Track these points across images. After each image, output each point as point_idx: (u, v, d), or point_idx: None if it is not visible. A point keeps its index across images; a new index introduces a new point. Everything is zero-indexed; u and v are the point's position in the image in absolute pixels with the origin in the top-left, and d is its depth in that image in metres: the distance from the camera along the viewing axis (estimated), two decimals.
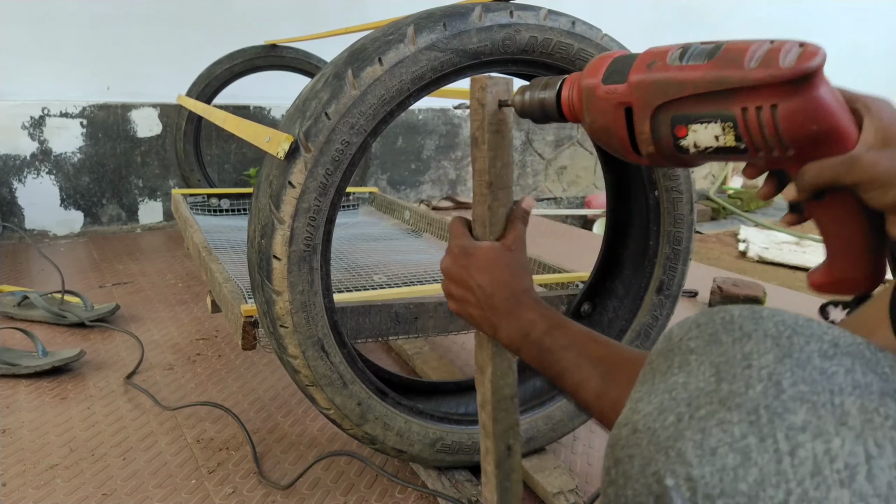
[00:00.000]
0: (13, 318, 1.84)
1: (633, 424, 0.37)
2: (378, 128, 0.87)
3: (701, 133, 0.57)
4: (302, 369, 0.95)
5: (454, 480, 1.12)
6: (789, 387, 0.32)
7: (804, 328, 0.35)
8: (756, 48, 0.53)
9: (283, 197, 0.86)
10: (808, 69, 0.51)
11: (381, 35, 0.87)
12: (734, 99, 0.54)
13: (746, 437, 0.31)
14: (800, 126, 0.52)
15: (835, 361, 0.33)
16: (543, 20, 0.92)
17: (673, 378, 0.37)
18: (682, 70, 0.57)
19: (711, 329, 0.37)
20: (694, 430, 0.33)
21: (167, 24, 2.99)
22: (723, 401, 0.33)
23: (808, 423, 0.30)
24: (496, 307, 0.73)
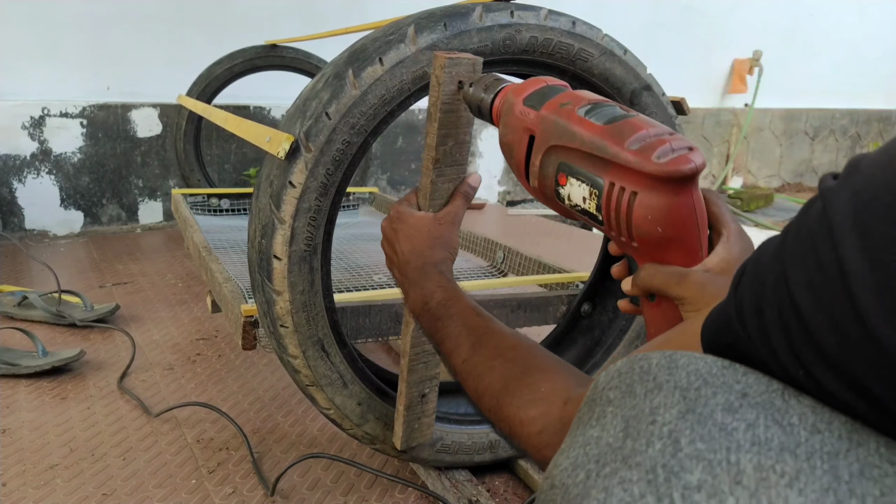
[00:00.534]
0: (13, 318, 1.84)
1: (552, 479, 0.37)
2: (379, 128, 0.87)
3: (575, 189, 0.58)
4: (302, 369, 0.95)
5: (454, 480, 1.12)
6: (686, 444, 0.31)
7: (716, 378, 0.34)
8: (647, 133, 0.53)
9: (283, 197, 0.86)
10: (675, 173, 0.51)
11: (381, 35, 0.87)
12: (608, 170, 0.55)
13: (645, 496, 0.31)
14: (648, 222, 0.53)
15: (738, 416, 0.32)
16: (544, 20, 0.92)
17: (590, 431, 0.37)
18: (580, 123, 0.57)
19: (629, 379, 0.37)
20: (598, 489, 0.33)
21: (167, 24, 2.99)
22: (625, 458, 0.33)
23: (704, 482, 0.30)
24: (407, 275, 0.78)
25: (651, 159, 0.51)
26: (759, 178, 5.02)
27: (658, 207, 0.52)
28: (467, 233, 1.81)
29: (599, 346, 1.23)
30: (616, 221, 0.55)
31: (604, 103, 0.59)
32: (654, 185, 0.51)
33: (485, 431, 1.13)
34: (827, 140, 5.24)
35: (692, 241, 0.54)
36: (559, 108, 0.60)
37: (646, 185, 0.52)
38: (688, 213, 0.53)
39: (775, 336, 0.32)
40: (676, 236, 0.53)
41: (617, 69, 0.99)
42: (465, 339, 0.67)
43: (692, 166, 0.51)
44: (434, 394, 0.96)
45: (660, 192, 0.52)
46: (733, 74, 4.71)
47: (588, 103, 0.59)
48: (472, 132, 0.82)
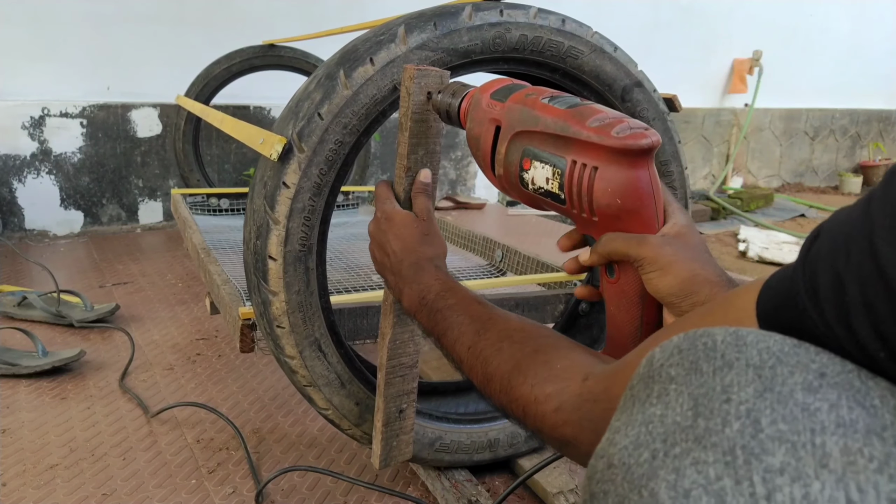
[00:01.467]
0: (13, 318, 1.84)
1: (608, 458, 0.35)
2: (371, 127, 0.88)
3: (539, 171, 0.62)
4: (299, 370, 0.95)
5: (453, 480, 1.12)
6: (768, 425, 0.30)
7: (790, 356, 0.33)
8: (606, 115, 0.57)
9: (277, 197, 0.86)
10: (633, 146, 0.54)
11: (372, 35, 0.88)
12: (570, 149, 0.58)
13: (721, 478, 0.30)
14: (608, 195, 0.56)
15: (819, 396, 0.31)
16: (533, 18, 0.93)
17: (651, 409, 0.35)
18: (544, 108, 0.61)
19: (693, 356, 0.35)
20: (668, 470, 0.31)
21: (167, 24, 3.00)
22: (698, 438, 0.32)
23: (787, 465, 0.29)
24: (402, 273, 0.77)
25: (611, 134, 0.55)
26: (759, 178, 5.02)
27: (617, 180, 0.55)
28: (467, 232, 1.81)
29: (597, 344, 1.23)
30: (578, 197, 0.58)
31: (565, 95, 0.63)
32: (614, 158, 0.55)
33: (483, 430, 1.13)
34: (827, 140, 5.24)
35: (649, 212, 0.57)
36: (524, 98, 0.64)
37: (606, 159, 0.55)
38: (645, 186, 0.56)
39: (857, 314, 0.31)
40: (634, 208, 0.56)
41: (607, 66, 0.99)
42: (468, 327, 0.66)
43: (649, 141, 0.55)
44: (412, 410, 0.94)
45: (619, 166, 0.55)
46: (733, 74, 4.71)
47: (551, 94, 0.63)
48: (441, 142, 0.83)
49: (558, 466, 1.15)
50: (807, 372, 0.32)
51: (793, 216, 4.03)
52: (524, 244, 1.89)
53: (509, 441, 1.15)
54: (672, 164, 1.09)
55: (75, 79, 2.88)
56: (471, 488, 1.10)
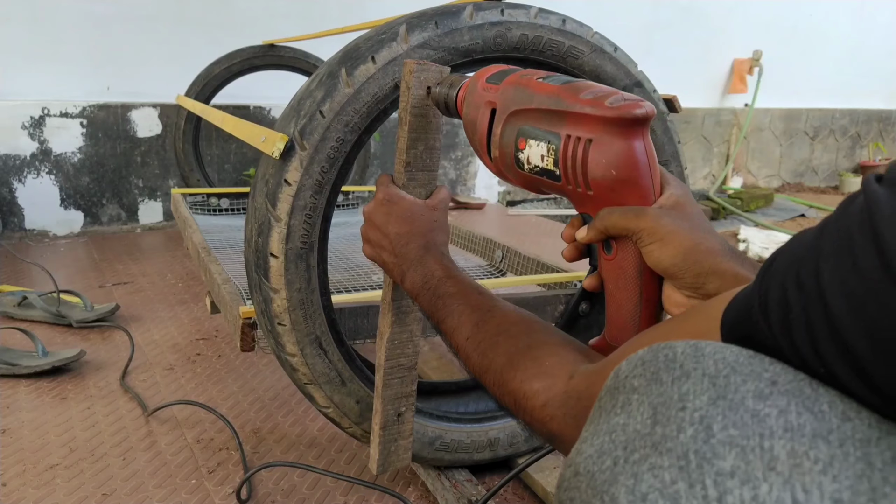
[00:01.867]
0: (13, 318, 1.84)
1: (575, 466, 0.37)
2: (372, 125, 0.88)
3: (534, 149, 0.61)
4: (300, 367, 0.95)
5: (453, 480, 1.12)
6: (719, 430, 0.31)
7: (744, 366, 0.34)
8: (599, 89, 0.57)
9: (279, 195, 0.86)
10: (627, 115, 0.54)
11: (374, 34, 0.88)
12: (564, 123, 0.58)
13: (676, 482, 0.31)
14: (602, 167, 0.55)
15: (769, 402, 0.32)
16: (534, 18, 0.93)
17: (615, 419, 0.37)
18: (538, 86, 0.61)
19: (654, 367, 0.37)
20: (627, 475, 0.33)
21: (167, 24, 3.00)
22: (655, 444, 0.33)
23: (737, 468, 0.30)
24: (407, 255, 0.76)
25: (605, 105, 0.55)
26: (759, 177, 5.02)
27: (612, 151, 0.55)
28: (467, 232, 1.81)
29: None
30: (573, 171, 0.57)
31: (559, 74, 0.64)
32: (609, 128, 0.55)
33: (483, 430, 1.13)
34: (827, 140, 5.24)
35: (645, 183, 0.56)
36: (519, 79, 0.64)
37: (600, 130, 0.55)
38: (640, 156, 0.55)
39: (798, 331, 0.32)
40: (630, 178, 0.56)
41: (607, 66, 1.00)
42: (468, 317, 0.66)
43: (644, 110, 0.54)
44: (410, 413, 0.91)
45: (614, 136, 0.55)
46: (733, 74, 4.71)
47: (545, 74, 0.63)
48: (441, 138, 0.82)
49: (558, 466, 1.15)
50: (759, 380, 0.33)
51: (793, 216, 4.03)
52: (524, 244, 1.89)
53: (509, 440, 1.15)
54: (672, 164, 1.09)
55: (75, 79, 2.87)
56: (471, 488, 1.10)
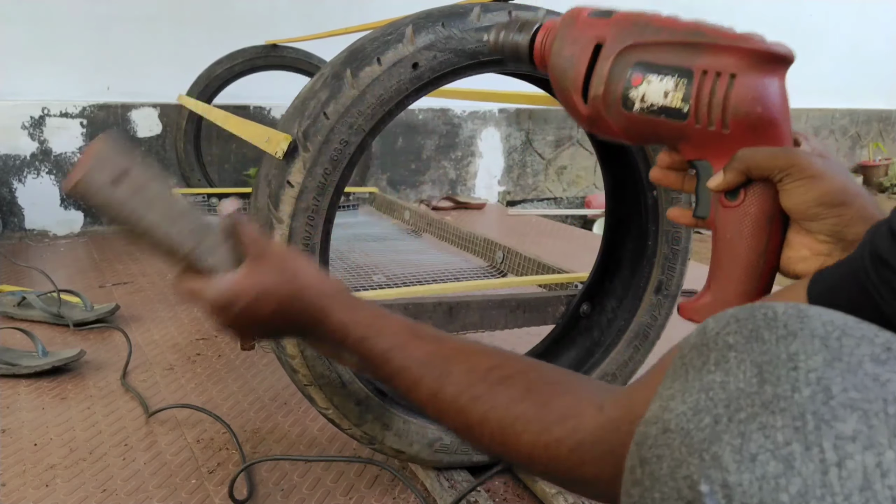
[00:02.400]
0: (13, 318, 1.84)
1: (664, 423, 0.34)
2: (377, 127, 0.88)
3: (654, 85, 0.57)
4: (300, 369, 0.95)
5: (452, 480, 1.12)
6: (839, 393, 0.29)
7: (854, 330, 0.32)
8: (733, 28, 0.56)
9: (281, 196, 0.86)
10: (776, 51, 0.53)
11: (379, 35, 0.88)
12: (701, 56, 0.55)
13: (790, 443, 0.29)
14: (748, 103, 0.53)
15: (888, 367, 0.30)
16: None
17: (710, 376, 0.34)
18: (666, 20, 0.58)
19: (752, 325, 0.34)
20: (733, 434, 0.30)
21: (167, 24, 2.99)
22: (766, 404, 0.30)
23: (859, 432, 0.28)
24: (289, 331, 0.65)
25: (753, 40, 0.54)
26: None
27: (759, 87, 0.53)
28: (467, 233, 1.81)
29: (598, 346, 1.23)
30: (709, 108, 0.54)
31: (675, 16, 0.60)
32: (756, 63, 0.53)
33: None
34: (827, 140, 5.24)
35: (786, 126, 0.55)
36: (637, 15, 0.59)
37: (747, 65, 0.53)
38: (784, 95, 0.54)
39: None
40: (774, 118, 0.54)
41: None
42: (420, 372, 0.57)
43: (788, 49, 0.53)
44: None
45: (761, 72, 0.53)
46: None
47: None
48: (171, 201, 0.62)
49: None
50: (873, 345, 0.31)
51: None
52: (524, 245, 1.89)
53: None
54: None
55: (75, 79, 2.87)
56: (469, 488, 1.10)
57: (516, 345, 1.75)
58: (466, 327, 1.20)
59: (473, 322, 1.20)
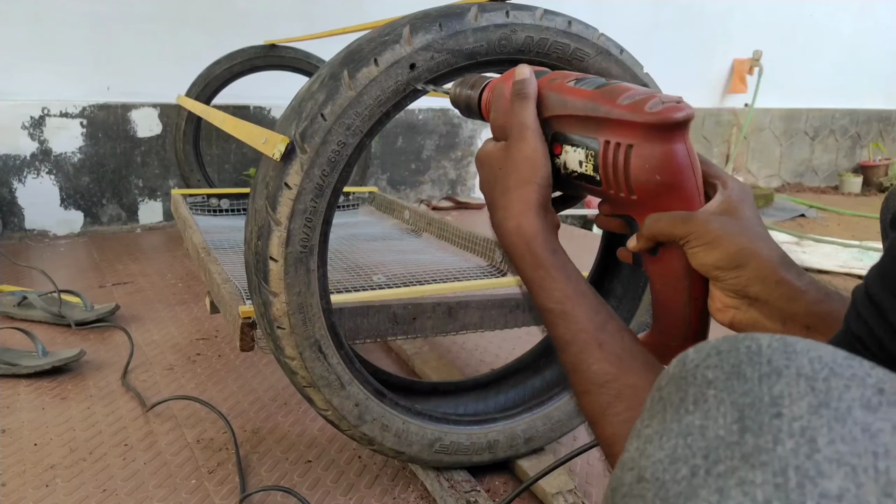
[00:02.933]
0: (13, 318, 1.84)
1: (639, 470, 0.32)
2: (374, 128, 0.87)
3: (571, 155, 0.60)
4: (299, 370, 0.95)
5: (452, 481, 1.12)
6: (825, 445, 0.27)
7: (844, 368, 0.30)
8: (636, 92, 0.56)
9: (279, 198, 0.86)
10: (667, 120, 0.53)
11: (376, 36, 0.87)
12: (602, 129, 0.57)
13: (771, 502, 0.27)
14: (646, 171, 0.55)
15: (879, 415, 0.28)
16: (539, 20, 0.92)
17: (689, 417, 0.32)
18: (571, 91, 0.60)
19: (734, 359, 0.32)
20: (710, 490, 0.28)
21: (167, 24, 2.99)
22: (746, 456, 0.28)
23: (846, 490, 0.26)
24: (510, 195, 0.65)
25: (644, 110, 0.54)
26: (759, 178, 5.02)
27: (655, 155, 0.54)
28: (467, 232, 1.81)
29: None
30: (614, 177, 0.56)
31: (590, 77, 0.62)
32: (649, 134, 0.54)
33: (483, 432, 1.13)
34: (827, 140, 5.24)
35: (689, 186, 0.56)
36: (549, 83, 0.62)
37: (641, 136, 0.54)
38: (683, 160, 0.55)
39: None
40: (674, 182, 0.55)
41: (613, 68, 0.99)
42: (590, 388, 0.54)
43: (684, 113, 0.54)
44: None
45: (655, 141, 0.54)
46: (733, 74, 4.71)
47: (576, 77, 0.62)
48: None
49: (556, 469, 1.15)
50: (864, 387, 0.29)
51: (793, 216, 4.03)
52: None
53: (508, 443, 1.15)
54: None
55: (75, 79, 2.87)
56: (469, 489, 1.10)
57: (516, 345, 1.75)
58: (466, 327, 1.20)
59: (473, 322, 1.21)
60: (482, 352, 1.73)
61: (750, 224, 0.55)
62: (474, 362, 1.66)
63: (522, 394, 1.20)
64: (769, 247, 0.54)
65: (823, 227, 3.76)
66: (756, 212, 0.57)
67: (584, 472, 1.21)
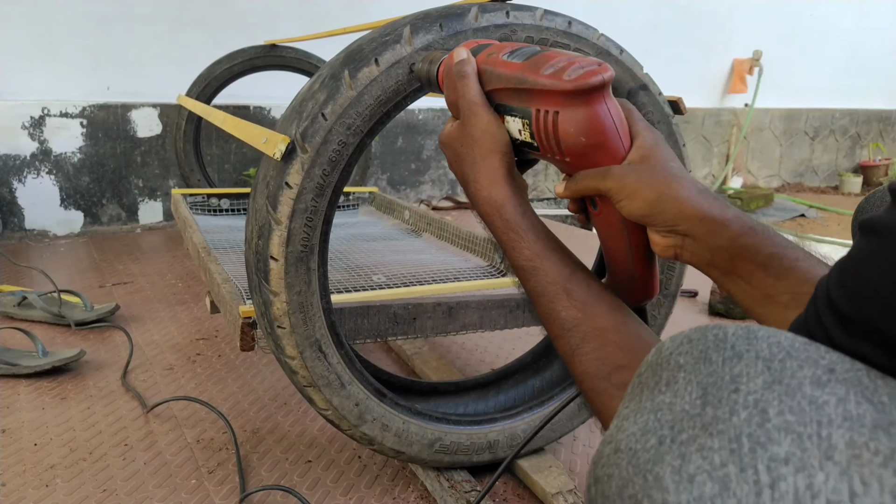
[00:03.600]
0: (13, 318, 1.84)
1: (615, 443, 0.36)
2: (375, 128, 0.87)
3: (511, 125, 0.65)
4: (299, 370, 0.95)
5: (452, 480, 1.12)
6: (775, 416, 0.30)
7: (800, 352, 0.33)
8: (559, 60, 0.59)
9: (279, 198, 0.86)
10: (584, 85, 0.56)
11: (377, 36, 0.87)
12: (532, 99, 0.61)
13: (726, 465, 0.30)
14: (571, 136, 0.59)
15: (827, 390, 0.31)
16: (540, 20, 0.92)
17: (660, 397, 0.35)
18: (504, 65, 0.64)
19: (702, 346, 0.36)
20: (674, 455, 0.32)
21: (167, 24, 2.99)
22: (705, 426, 0.32)
23: (792, 455, 0.29)
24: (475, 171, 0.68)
25: (563, 78, 0.57)
26: (759, 178, 5.02)
27: (577, 119, 0.58)
28: (467, 233, 1.81)
29: None
30: (548, 142, 0.60)
31: (524, 46, 0.65)
32: (570, 100, 0.57)
33: (483, 432, 1.13)
34: (827, 140, 5.24)
35: (614, 144, 0.59)
36: (487, 58, 0.66)
37: (563, 103, 0.58)
38: (605, 120, 0.58)
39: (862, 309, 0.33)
40: (599, 143, 0.58)
41: (613, 69, 0.99)
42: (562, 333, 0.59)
43: (598, 78, 0.57)
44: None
45: (576, 106, 0.58)
46: (733, 74, 4.71)
47: (510, 49, 0.65)
48: None
49: (557, 467, 1.15)
50: (816, 367, 0.32)
51: (793, 216, 4.03)
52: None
53: (508, 442, 1.15)
54: None
55: (75, 79, 2.87)
56: (470, 489, 1.10)
57: (516, 345, 1.75)
58: (466, 327, 1.20)
59: (473, 322, 1.21)
60: (482, 352, 1.73)
61: (663, 167, 0.58)
62: (474, 362, 1.66)
63: (522, 394, 1.20)
64: (686, 185, 0.56)
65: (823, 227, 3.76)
66: (670, 153, 0.60)
67: (584, 472, 1.21)
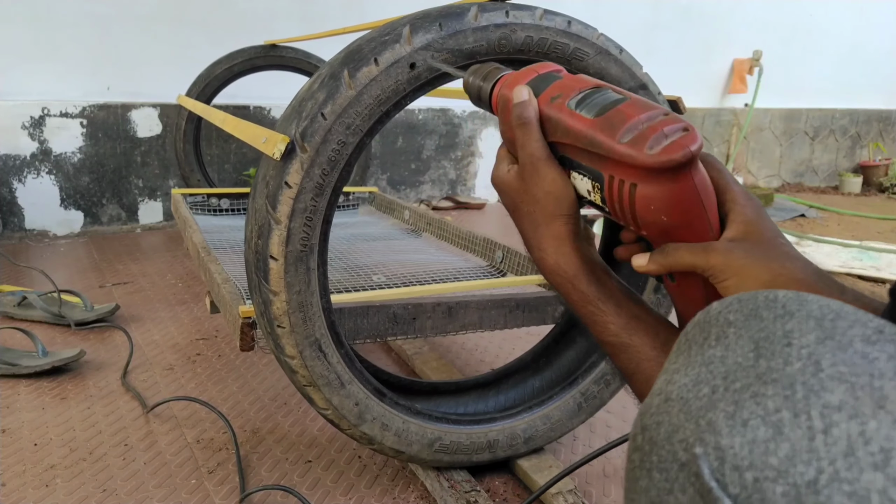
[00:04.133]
0: (13, 318, 1.84)
1: (665, 394, 0.36)
2: (374, 128, 0.87)
3: (579, 182, 0.57)
4: (299, 369, 0.95)
5: (452, 480, 1.12)
6: (828, 367, 0.31)
7: (850, 313, 0.34)
8: (639, 122, 0.52)
9: (279, 197, 0.86)
10: (668, 162, 0.49)
11: (377, 35, 0.87)
12: (605, 163, 0.53)
13: (780, 411, 0.30)
14: (651, 213, 0.51)
15: (877, 347, 0.32)
16: (539, 20, 0.92)
17: (711, 351, 0.36)
18: (571, 117, 0.55)
19: (753, 304, 0.36)
20: (727, 402, 0.32)
21: (167, 24, 2.99)
22: (759, 376, 0.33)
23: (845, 402, 0.30)
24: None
25: (644, 151, 0.50)
26: (759, 178, 5.02)
27: (659, 197, 0.50)
28: (467, 233, 1.81)
29: (597, 348, 1.23)
30: (622, 213, 0.53)
31: (595, 90, 0.57)
32: (651, 176, 0.50)
33: (483, 432, 1.13)
34: (827, 140, 5.24)
35: (700, 223, 0.52)
36: (550, 103, 0.58)
37: (643, 177, 0.50)
38: (690, 198, 0.51)
39: None
40: (683, 222, 0.52)
41: (612, 68, 0.99)
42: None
43: (686, 152, 0.49)
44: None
45: (658, 183, 0.50)
46: (733, 74, 4.71)
47: (578, 92, 0.57)
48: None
49: (557, 467, 1.15)
50: (865, 327, 0.33)
51: (793, 216, 4.03)
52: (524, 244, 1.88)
53: (508, 442, 1.15)
54: None
55: (75, 79, 2.87)
56: (470, 489, 1.10)
57: (516, 345, 1.75)
58: (466, 327, 1.20)
59: (473, 322, 1.21)
60: (482, 352, 1.73)
61: (775, 245, 0.53)
62: (474, 362, 1.66)
63: (522, 394, 1.20)
64: (802, 267, 0.51)
65: (823, 227, 3.76)
66: (774, 226, 0.54)
67: (584, 471, 1.21)
